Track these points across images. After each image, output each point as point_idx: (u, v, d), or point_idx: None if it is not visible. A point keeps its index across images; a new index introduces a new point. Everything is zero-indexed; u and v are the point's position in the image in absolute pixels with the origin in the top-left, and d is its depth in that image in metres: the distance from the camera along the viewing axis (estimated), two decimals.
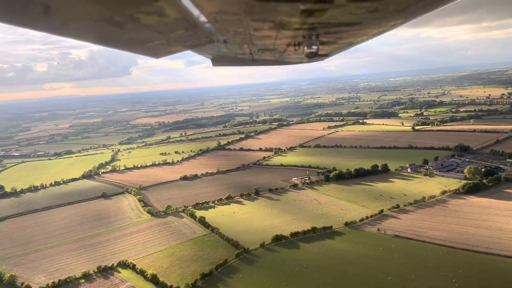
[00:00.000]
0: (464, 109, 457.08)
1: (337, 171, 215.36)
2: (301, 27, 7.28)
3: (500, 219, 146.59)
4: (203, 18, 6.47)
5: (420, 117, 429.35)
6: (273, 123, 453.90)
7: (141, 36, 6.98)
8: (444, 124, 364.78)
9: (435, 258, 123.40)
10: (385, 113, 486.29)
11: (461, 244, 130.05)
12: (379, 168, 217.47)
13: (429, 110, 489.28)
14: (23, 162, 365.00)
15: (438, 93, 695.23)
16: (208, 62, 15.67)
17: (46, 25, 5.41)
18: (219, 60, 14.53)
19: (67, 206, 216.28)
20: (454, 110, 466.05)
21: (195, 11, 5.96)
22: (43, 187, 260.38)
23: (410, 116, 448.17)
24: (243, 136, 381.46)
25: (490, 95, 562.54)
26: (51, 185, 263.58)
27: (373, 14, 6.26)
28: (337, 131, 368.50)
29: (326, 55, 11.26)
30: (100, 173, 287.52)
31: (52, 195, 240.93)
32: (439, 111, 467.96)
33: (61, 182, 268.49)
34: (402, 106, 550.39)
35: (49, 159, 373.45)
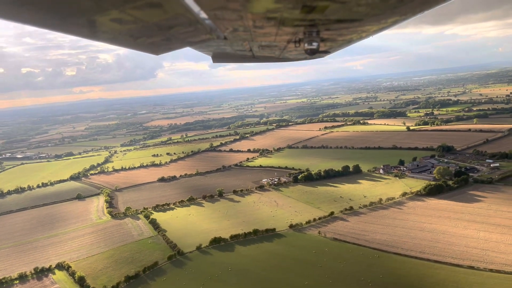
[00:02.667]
0: (478, 108, 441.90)
1: (306, 173, 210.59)
2: (302, 24, 7.25)
3: (449, 222, 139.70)
4: (203, 15, 6.41)
5: (428, 117, 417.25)
6: (272, 124, 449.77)
7: (140, 32, 6.93)
8: (446, 124, 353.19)
9: (362, 262, 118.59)
10: (393, 113, 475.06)
11: (395, 248, 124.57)
12: (350, 169, 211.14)
13: (441, 109, 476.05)
14: (22, 164, 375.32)
15: (458, 92, 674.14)
16: (232, 64, 15.55)
17: (45, 21, 5.30)
18: (219, 57, 14.72)
19: (42, 207, 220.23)
20: (467, 109, 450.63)
21: (195, 7, 5.89)
22: (29, 188, 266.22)
23: (420, 116, 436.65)
24: (237, 137, 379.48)
25: (511, 93, 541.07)
26: (38, 186, 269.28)
27: (373, 10, 6.31)
28: (332, 131, 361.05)
29: (327, 52, 11.37)
30: (89, 174, 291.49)
31: (34, 197, 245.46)
32: (451, 110, 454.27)
33: (48, 183, 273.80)
34: (416, 106, 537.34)
35: (48, 161, 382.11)
